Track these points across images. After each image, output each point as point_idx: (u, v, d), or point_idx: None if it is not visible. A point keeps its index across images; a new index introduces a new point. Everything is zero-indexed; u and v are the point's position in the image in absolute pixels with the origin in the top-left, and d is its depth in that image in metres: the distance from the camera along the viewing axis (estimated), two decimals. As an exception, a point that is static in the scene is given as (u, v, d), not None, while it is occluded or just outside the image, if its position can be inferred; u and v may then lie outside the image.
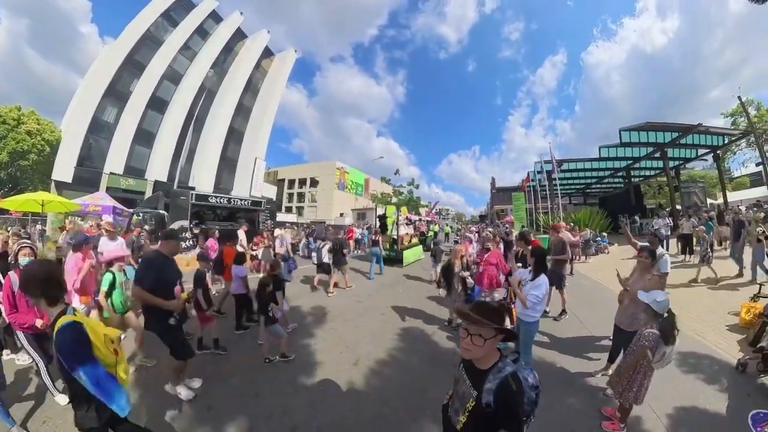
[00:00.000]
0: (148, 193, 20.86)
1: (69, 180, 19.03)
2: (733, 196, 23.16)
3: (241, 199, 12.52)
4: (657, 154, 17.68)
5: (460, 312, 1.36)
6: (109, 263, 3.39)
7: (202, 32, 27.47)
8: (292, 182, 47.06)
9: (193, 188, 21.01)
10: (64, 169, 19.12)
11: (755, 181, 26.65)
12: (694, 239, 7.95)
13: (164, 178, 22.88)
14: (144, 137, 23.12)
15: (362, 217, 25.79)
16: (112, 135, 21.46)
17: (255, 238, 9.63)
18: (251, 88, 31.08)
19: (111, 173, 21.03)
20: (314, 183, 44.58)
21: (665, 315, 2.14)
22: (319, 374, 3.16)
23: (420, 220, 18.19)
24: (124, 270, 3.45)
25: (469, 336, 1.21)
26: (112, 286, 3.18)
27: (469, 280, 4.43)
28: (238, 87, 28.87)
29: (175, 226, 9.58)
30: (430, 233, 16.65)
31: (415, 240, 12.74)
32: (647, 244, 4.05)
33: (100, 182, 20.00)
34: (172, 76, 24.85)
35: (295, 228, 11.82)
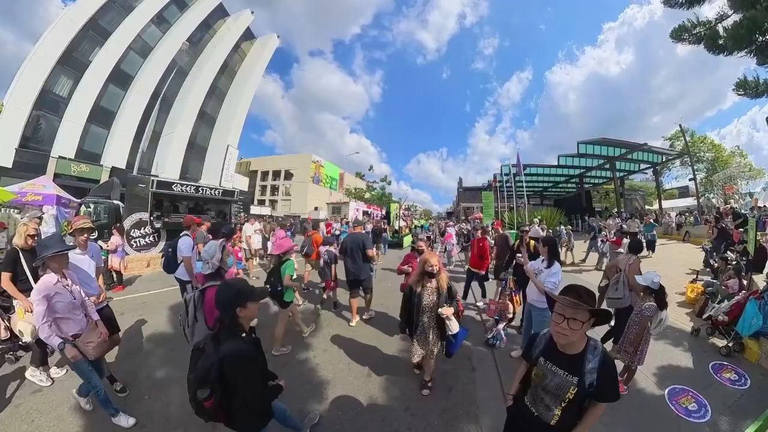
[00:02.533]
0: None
1: (9, 165, 16.22)
2: (665, 204, 27.07)
3: (210, 189, 11.04)
4: (607, 165, 20.25)
5: (554, 296, 1.33)
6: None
7: (180, 2, 25.04)
8: (265, 174, 45.58)
9: (156, 176, 19.49)
10: (2, 151, 16.27)
11: (682, 192, 31.10)
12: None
13: (123, 165, 20.44)
14: (102, 116, 20.53)
15: (337, 211, 25.88)
16: (63, 112, 18.72)
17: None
18: (227, 71, 29.14)
19: (60, 157, 18.14)
20: (289, 176, 43.63)
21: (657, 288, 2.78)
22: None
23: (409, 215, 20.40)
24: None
25: (566, 320, 1.20)
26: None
27: (452, 324, 2.52)
28: (214, 67, 26.77)
29: (133, 219, 8.67)
30: (415, 226, 18.97)
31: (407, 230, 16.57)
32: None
33: (47, 168, 17.27)
34: (141, 49, 22.34)
35: (270, 220, 10.60)
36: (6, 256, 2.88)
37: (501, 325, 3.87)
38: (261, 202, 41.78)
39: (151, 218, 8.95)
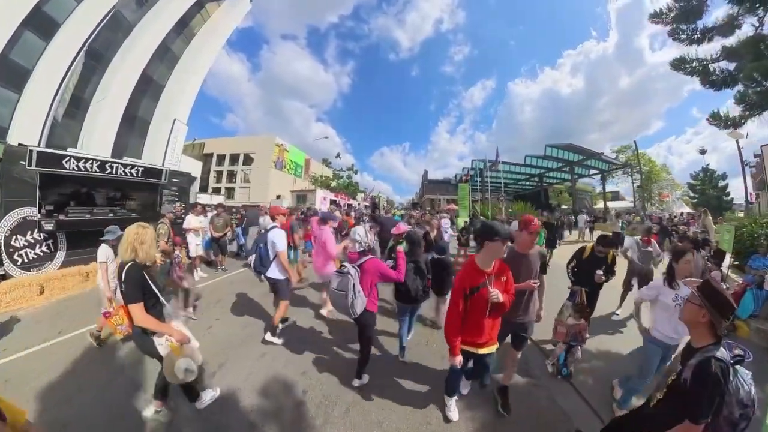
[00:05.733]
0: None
1: None
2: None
3: (124, 166, 7.42)
4: (566, 168, 22.35)
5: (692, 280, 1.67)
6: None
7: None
8: (221, 158, 40.32)
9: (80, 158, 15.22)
10: None
11: (614, 196, 36.26)
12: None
13: (36, 140, 15.60)
14: (11, 74, 15.81)
15: (302, 199, 24.22)
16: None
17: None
18: (185, 32, 24.32)
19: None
20: (248, 160, 39.33)
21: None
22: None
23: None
24: None
25: (689, 303, 1.44)
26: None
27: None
28: (167, 24, 21.82)
29: (12, 219, 5.60)
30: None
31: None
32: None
33: None
34: (74, -13, 16.92)
35: (216, 210, 7.96)
36: None
37: (579, 351, 3.34)
38: (216, 190, 37.28)
39: (40, 215, 5.85)
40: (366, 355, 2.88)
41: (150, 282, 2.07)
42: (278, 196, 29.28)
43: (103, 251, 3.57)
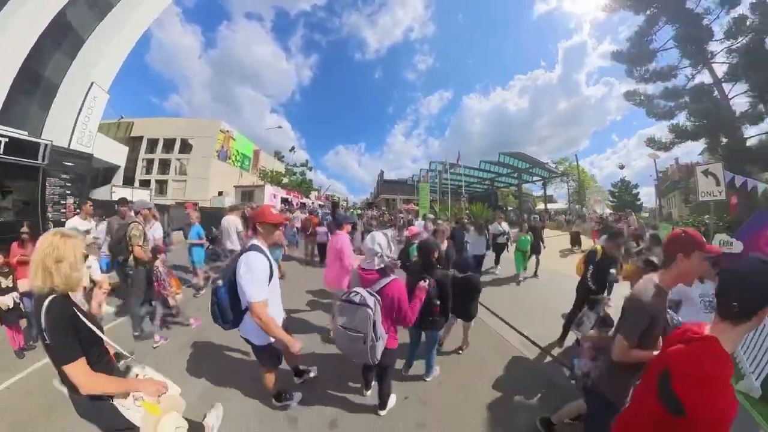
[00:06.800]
0: None
1: None
2: (541, 206, 35.21)
3: None
4: (515, 174, 24.44)
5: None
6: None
7: None
8: (153, 143, 33.24)
9: None
10: None
11: (550, 199, 40.99)
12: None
13: None
14: None
15: (248, 197, 20.96)
16: None
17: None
18: None
19: None
20: (186, 147, 33.62)
21: None
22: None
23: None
24: None
25: None
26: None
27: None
28: None
29: None
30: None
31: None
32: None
33: None
34: None
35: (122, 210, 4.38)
36: None
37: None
38: (145, 183, 30.82)
39: None
40: (388, 386, 2.34)
41: (84, 318, 1.29)
42: (220, 193, 25.35)
43: None
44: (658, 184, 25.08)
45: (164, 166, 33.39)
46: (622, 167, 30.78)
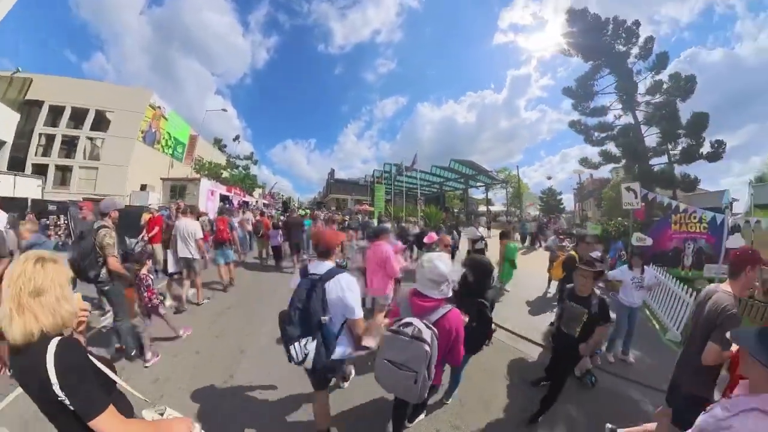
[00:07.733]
0: None
1: None
2: (482, 209, 39.02)
3: None
4: (461, 180, 26.48)
5: (586, 262, 2.51)
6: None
7: None
8: (57, 113, 24.29)
9: None
10: None
11: (489, 202, 45.37)
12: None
13: None
14: None
15: (179, 192, 16.36)
16: None
17: None
18: None
19: None
20: (102, 122, 25.53)
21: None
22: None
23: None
24: None
25: (586, 279, 2.35)
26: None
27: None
28: None
29: None
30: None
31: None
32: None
33: None
34: None
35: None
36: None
37: (598, 359, 3.37)
38: (40, 169, 22.35)
39: None
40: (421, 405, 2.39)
41: (95, 360, 1.11)
42: (143, 187, 20.15)
43: None
44: (577, 191, 30.68)
45: (70, 146, 25.01)
46: (549, 178, 36.69)
